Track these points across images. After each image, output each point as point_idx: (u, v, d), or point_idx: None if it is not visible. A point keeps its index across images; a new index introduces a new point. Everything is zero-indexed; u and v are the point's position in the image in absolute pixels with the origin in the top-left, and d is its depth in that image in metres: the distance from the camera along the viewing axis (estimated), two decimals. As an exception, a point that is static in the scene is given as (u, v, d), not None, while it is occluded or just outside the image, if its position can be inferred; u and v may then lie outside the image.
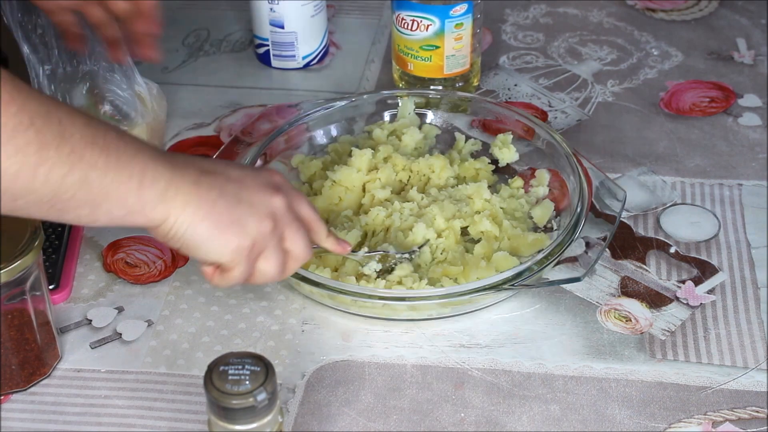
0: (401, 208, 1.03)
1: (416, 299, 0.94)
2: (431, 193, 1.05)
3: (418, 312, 0.96)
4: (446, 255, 1.00)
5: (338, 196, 1.05)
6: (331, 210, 1.05)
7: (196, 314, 0.98)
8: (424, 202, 1.04)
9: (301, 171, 1.09)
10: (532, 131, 1.09)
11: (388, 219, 1.02)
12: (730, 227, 1.06)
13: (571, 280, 0.96)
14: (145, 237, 1.06)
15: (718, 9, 1.40)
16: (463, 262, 0.99)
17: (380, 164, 1.07)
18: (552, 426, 0.88)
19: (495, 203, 1.04)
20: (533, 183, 1.09)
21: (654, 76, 1.28)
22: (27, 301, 0.88)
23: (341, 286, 0.94)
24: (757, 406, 0.89)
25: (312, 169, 1.09)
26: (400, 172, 1.08)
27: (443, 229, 1.01)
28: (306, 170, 1.09)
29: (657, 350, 0.94)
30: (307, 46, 1.29)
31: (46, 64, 1.11)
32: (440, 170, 1.07)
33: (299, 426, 0.88)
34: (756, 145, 1.16)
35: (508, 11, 1.40)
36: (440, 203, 1.03)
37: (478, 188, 1.04)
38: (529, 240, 1.01)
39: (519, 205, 1.06)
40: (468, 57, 1.20)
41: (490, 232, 1.01)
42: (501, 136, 1.11)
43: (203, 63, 1.32)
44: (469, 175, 1.09)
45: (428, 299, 0.94)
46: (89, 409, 0.90)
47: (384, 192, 1.05)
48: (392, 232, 1.01)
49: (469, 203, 1.04)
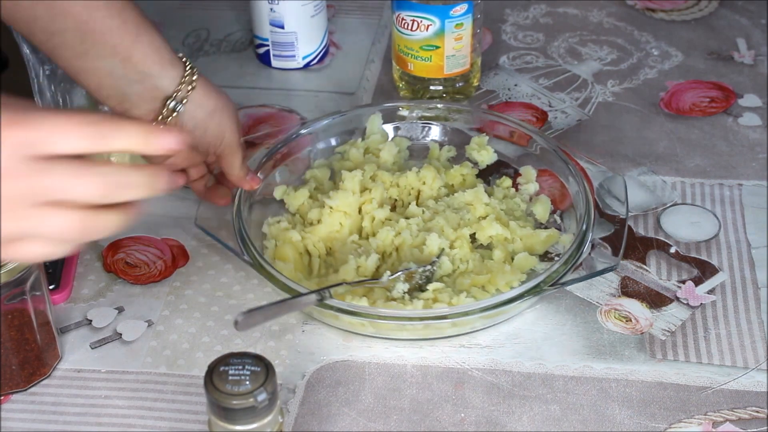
0: (408, 224, 1.01)
1: (459, 315, 0.91)
2: (429, 206, 1.04)
3: (461, 327, 0.94)
4: (466, 265, 0.99)
5: (338, 222, 1.02)
6: (334, 238, 1.02)
7: (196, 314, 0.98)
8: (426, 216, 1.03)
9: (287, 203, 1.06)
10: (527, 137, 1.09)
11: (397, 238, 1.00)
12: (730, 227, 1.06)
13: (608, 270, 0.95)
14: (145, 237, 1.06)
15: (718, 9, 1.40)
16: (486, 270, 0.98)
17: (369, 184, 1.05)
18: (552, 426, 0.88)
19: (495, 206, 1.04)
20: (521, 181, 1.09)
21: (654, 76, 1.28)
22: (27, 301, 0.88)
23: (384, 312, 0.92)
24: (758, 406, 0.89)
25: (299, 199, 1.05)
26: (390, 188, 1.06)
27: (454, 239, 1.01)
28: (293, 201, 1.05)
29: (657, 350, 0.94)
30: (307, 46, 1.29)
31: (46, 64, 1.11)
32: (432, 181, 1.06)
33: (299, 426, 0.88)
34: (756, 145, 1.16)
35: (508, 11, 1.40)
36: (443, 214, 1.03)
37: (476, 194, 1.04)
38: (543, 237, 1.01)
39: (515, 204, 1.06)
40: (468, 57, 1.20)
41: (501, 235, 1.01)
42: (476, 139, 1.11)
43: (203, 63, 1.32)
44: (456, 182, 1.08)
45: (471, 314, 0.91)
46: (89, 410, 0.90)
47: (383, 211, 1.03)
48: (406, 250, 1.00)
49: (470, 210, 1.04)
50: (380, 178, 1.06)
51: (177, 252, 1.05)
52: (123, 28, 0.87)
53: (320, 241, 1.01)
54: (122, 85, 0.90)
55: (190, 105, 0.92)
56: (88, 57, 0.87)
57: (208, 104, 0.94)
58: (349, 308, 0.91)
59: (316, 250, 1.01)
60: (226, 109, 0.96)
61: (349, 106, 1.20)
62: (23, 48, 1.10)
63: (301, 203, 1.05)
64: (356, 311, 0.91)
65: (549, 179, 1.08)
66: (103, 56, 0.88)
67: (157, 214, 1.09)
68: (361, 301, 0.93)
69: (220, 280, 1.01)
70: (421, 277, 0.97)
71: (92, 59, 0.87)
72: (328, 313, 0.93)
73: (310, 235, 1.01)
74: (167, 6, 1.43)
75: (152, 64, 0.90)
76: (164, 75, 0.91)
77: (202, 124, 0.94)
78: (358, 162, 1.09)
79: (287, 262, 0.99)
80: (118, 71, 0.89)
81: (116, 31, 0.87)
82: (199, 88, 0.93)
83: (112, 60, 0.88)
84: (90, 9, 0.86)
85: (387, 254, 1.01)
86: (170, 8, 1.42)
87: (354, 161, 1.09)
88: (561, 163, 1.05)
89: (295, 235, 1.00)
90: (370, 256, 0.98)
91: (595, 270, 0.95)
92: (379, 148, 1.11)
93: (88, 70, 0.89)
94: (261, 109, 1.24)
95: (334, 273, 0.99)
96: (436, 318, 0.92)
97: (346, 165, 1.09)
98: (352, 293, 0.95)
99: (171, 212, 1.09)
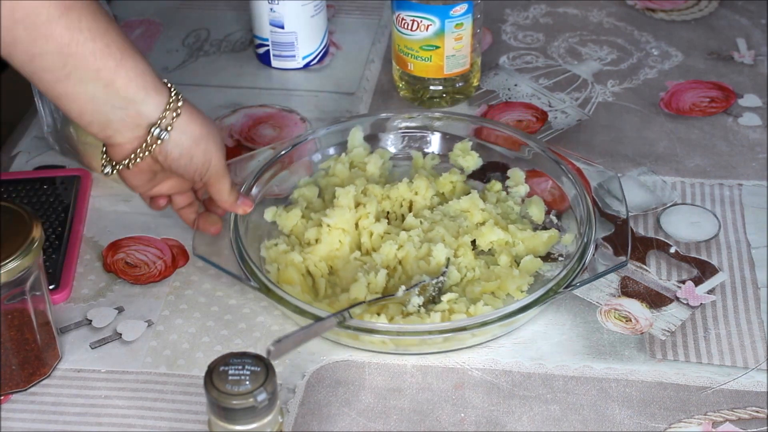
0: (409, 236, 1.00)
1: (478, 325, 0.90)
2: (426, 216, 1.04)
3: (482, 336, 0.93)
4: (473, 272, 0.99)
5: (338, 240, 1.01)
6: (335, 256, 1.01)
7: (196, 314, 0.98)
8: (425, 226, 1.02)
9: (280, 225, 1.04)
10: (521, 142, 1.08)
11: (399, 251, 0.99)
12: (730, 227, 1.06)
13: (620, 266, 0.95)
14: (145, 237, 1.06)
15: (718, 9, 1.40)
16: (495, 276, 0.98)
17: (361, 198, 1.04)
18: (552, 426, 0.88)
19: (492, 211, 1.04)
20: (510, 184, 1.09)
21: (654, 76, 1.28)
22: (27, 301, 0.88)
23: (404, 328, 0.90)
24: (757, 406, 0.89)
25: (292, 219, 1.03)
26: (382, 201, 1.05)
27: (456, 247, 1.00)
28: (286, 222, 1.04)
29: (657, 350, 0.94)
30: (307, 46, 1.29)
31: (46, 64, 1.11)
32: (425, 191, 1.06)
33: (299, 426, 0.88)
34: (756, 145, 1.16)
35: (508, 11, 1.40)
36: (441, 223, 1.02)
37: (471, 200, 1.04)
38: (545, 238, 1.01)
39: (509, 208, 1.06)
40: (468, 57, 1.20)
41: (502, 240, 1.01)
42: (459, 145, 1.10)
43: (203, 63, 1.32)
44: (446, 190, 1.08)
45: (491, 323, 0.91)
46: (89, 409, 0.90)
47: (381, 225, 1.02)
48: (411, 262, 0.99)
49: (467, 217, 1.03)
50: (372, 192, 1.05)
51: (177, 252, 1.05)
52: (106, 52, 0.84)
53: (321, 261, 1.00)
54: (105, 110, 0.86)
55: (175, 132, 0.89)
56: (70, 81, 0.84)
57: (193, 131, 0.90)
58: (373, 327, 0.90)
59: (318, 271, 1.00)
60: (211, 135, 0.93)
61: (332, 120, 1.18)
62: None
63: (294, 224, 1.04)
64: (381, 330, 0.90)
65: (542, 181, 1.07)
66: (85, 80, 0.84)
67: (157, 214, 1.09)
68: (380, 318, 0.92)
69: (220, 279, 1.01)
70: (434, 288, 0.97)
71: (74, 83, 0.84)
72: (346, 334, 0.91)
73: (310, 256, 1.00)
74: (167, 6, 1.43)
75: (136, 90, 0.87)
76: (148, 101, 0.88)
77: (188, 152, 0.91)
78: (345, 177, 1.08)
79: (294, 285, 0.97)
80: (100, 96, 0.86)
81: (99, 54, 0.84)
82: (184, 115, 0.89)
83: (95, 84, 0.85)
84: (72, 31, 0.82)
85: (392, 268, 1.00)
86: (170, 8, 1.42)
87: (341, 177, 1.08)
88: (554, 164, 1.05)
89: (296, 257, 0.99)
90: (378, 272, 0.97)
91: (596, 270, 0.95)
92: (364, 162, 1.09)
93: (69, 95, 0.86)
94: (261, 109, 1.24)
95: (343, 292, 0.97)
96: (466, 328, 0.90)
97: (333, 181, 1.08)
98: (369, 312, 0.94)
99: (171, 212, 1.09)
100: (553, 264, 1.01)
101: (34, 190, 1.10)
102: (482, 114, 1.22)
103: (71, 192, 1.10)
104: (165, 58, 1.33)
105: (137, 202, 1.10)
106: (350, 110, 1.23)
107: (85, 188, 1.11)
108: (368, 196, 1.05)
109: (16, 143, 1.20)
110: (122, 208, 1.10)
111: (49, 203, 1.09)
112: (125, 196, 1.11)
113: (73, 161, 1.15)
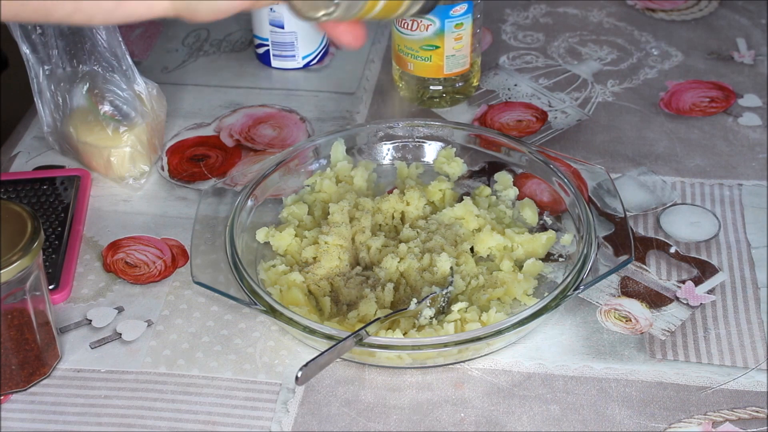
0: (409, 248, 1.00)
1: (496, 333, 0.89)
2: (422, 226, 1.03)
3: (498, 344, 0.93)
4: (477, 280, 0.99)
5: (337, 257, 0.99)
6: (336, 274, 0.99)
7: (196, 314, 0.98)
8: (423, 236, 1.02)
9: (274, 245, 1.02)
10: (513, 149, 1.08)
11: (401, 263, 0.99)
12: (730, 227, 1.06)
13: (623, 265, 0.95)
14: (146, 237, 1.06)
15: (718, 9, 1.40)
16: (499, 282, 0.98)
17: (354, 213, 1.03)
18: (552, 426, 0.88)
19: (486, 216, 1.04)
20: (498, 188, 1.08)
21: (654, 76, 1.28)
22: (27, 301, 0.88)
23: (423, 342, 0.89)
24: (757, 406, 0.89)
25: (286, 239, 1.01)
26: (375, 214, 1.04)
27: (457, 255, 1.00)
28: (280, 242, 1.02)
29: (657, 350, 0.94)
30: (307, 46, 1.29)
31: (45, 64, 1.11)
32: (417, 201, 1.05)
33: (299, 426, 0.88)
34: (756, 145, 1.16)
35: (508, 11, 1.40)
36: (438, 232, 1.02)
37: (465, 207, 1.03)
38: (544, 240, 1.01)
39: (502, 212, 1.06)
40: (468, 57, 1.20)
41: (500, 244, 1.01)
42: (443, 151, 1.10)
43: (203, 63, 1.32)
44: (437, 199, 1.07)
45: (507, 330, 0.90)
46: (89, 409, 0.90)
47: (379, 239, 1.01)
48: (414, 274, 0.98)
49: (462, 224, 1.03)
50: (364, 206, 1.04)
51: (177, 252, 1.05)
52: None
53: (322, 279, 0.98)
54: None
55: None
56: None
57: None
58: (391, 343, 0.89)
59: (320, 290, 0.98)
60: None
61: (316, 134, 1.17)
62: (23, 48, 1.10)
63: (288, 243, 1.02)
64: (399, 345, 0.89)
65: (534, 184, 1.07)
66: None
67: (157, 214, 1.09)
68: (396, 333, 0.91)
69: (220, 280, 1.01)
70: (444, 299, 0.96)
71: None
72: (361, 351, 0.90)
73: (311, 275, 0.98)
74: (167, 6, 1.42)
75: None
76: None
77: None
78: (333, 192, 1.07)
79: (301, 306, 0.95)
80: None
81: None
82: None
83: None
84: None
85: (395, 282, 0.99)
86: (170, 8, 1.42)
87: (329, 192, 1.07)
88: (546, 166, 1.04)
89: (298, 277, 0.97)
90: (385, 286, 0.96)
91: (598, 270, 0.95)
92: (351, 175, 1.09)
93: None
94: (261, 109, 1.24)
95: (350, 310, 0.96)
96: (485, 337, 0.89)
97: (321, 197, 1.07)
98: (383, 327, 0.93)
99: (171, 212, 1.09)
100: (554, 265, 1.01)
101: (34, 190, 1.10)
102: (482, 114, 1.22)
103: (71, 192, 1.10)
104: (165, 58, 1.33)
105: (137, 202, 1.10)
106: (350, 110, 1.23)
107: (85, 188, 1.11)
108: (361, 210, 1.03)
109: (16, 143, 1.20)
110: (122, 208, 1.10)
111: (49, 203, 1.09)
112: (125, 196, 1.11)
113: (73, 161, 1.16)
